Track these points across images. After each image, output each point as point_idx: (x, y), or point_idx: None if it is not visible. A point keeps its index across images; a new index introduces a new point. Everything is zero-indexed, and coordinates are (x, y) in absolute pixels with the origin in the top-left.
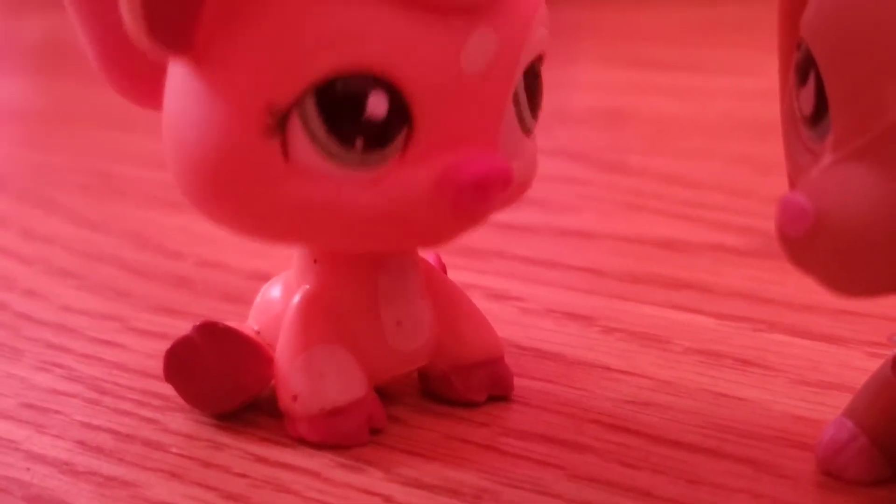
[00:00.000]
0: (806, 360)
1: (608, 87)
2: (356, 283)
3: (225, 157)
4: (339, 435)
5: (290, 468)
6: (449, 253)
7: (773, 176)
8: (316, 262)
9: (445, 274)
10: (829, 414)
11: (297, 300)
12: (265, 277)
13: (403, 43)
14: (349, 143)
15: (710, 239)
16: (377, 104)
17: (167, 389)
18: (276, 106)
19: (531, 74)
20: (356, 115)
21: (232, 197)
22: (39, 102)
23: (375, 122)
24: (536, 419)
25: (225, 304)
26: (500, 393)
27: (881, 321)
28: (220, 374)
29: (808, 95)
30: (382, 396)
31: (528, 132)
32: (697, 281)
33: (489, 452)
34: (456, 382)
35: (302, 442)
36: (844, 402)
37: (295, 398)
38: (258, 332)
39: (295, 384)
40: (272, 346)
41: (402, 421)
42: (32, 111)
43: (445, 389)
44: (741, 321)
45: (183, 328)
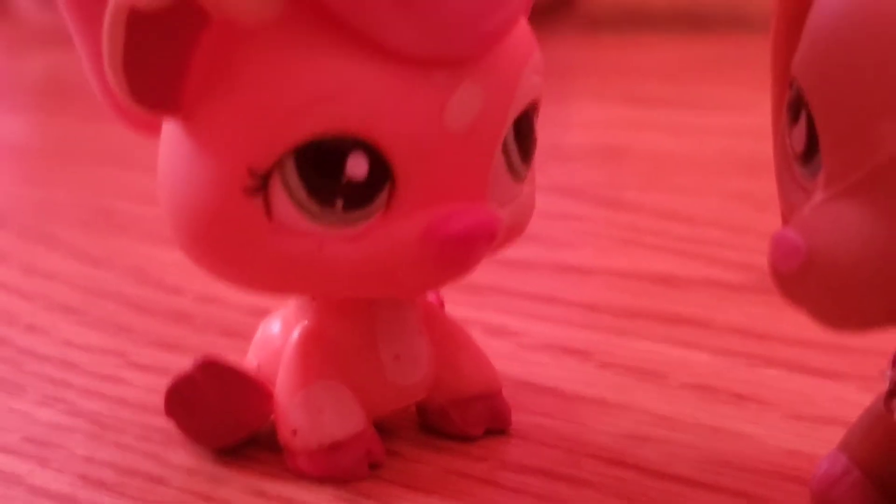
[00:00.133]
0: (801, 394)
1: (604, 123)
2: (354, 318)
3: (210, 214)
4: (338, 469)
5: (289, 502)
6: (447, 288)
7: (768, 212)
8: (315, 298)
9: (443, 309)
10: (823, 448)
11: (295, 336)
12: (264, 313)
13: (384, 103)
14: (329, 203)
15: (706, 275)
16: (356, 166)
17: (168, 424)
18: (257, 168)
19: (523, 122)
20: (335, 176)
21: (218, 252)
22: (40, 139)
23: (355, 183)
24: (534, 453)
25: (224, 339)
26: (497, 427)
27: (875, 356)
28: (220, 409)
29: (799, 134)
30: (381, 431)
31: (519, 180)
32: (694, 316)
33: (488, 487)
34: (454, 416)
35: (301, 476)
36: (838, 436)
37: (294, 433)
38: (258, 367)
39: (294, 419)
40: (272, 381)
41: (400, 455)
42: (33, 148)
43: (444, 423)
44: (737, 356)
45: (183, 363)
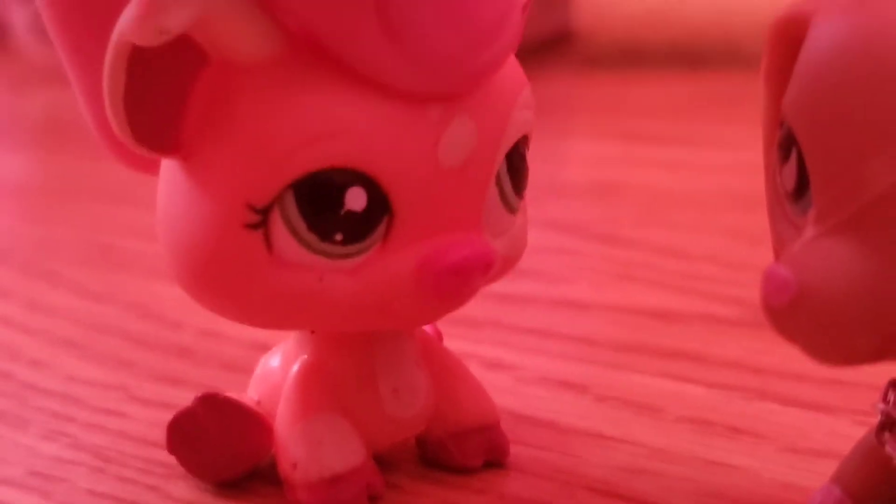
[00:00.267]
0: (795, 427)
1: (601, 160)
2: (353, 352)
3: (210, 250)
4: (338, 502)
5: None
6: (445, 322)
7: (763, 248)
8: (313, 332)
9: (442, 342)
10: (816, 481)
11: (295, 370)
12: (264, 347)
13: (380, 139)
14: (329, 236)
15: (701, 309)
16: (355, 199)
17: (170, 458)
18: (256, 203)
19: (515, 155)
20: (335, 210)
21: (218, 287)
22: (41, 177)
23: (354, 216)
24: (532, 486)
25: (225, 373)
26: (495, 459)
27: (868, 389)
28: (221, 443)
29: (790, 172)
30: (381, 464)
31: (513, 211)
32: (689, 350)
33: None
34: (452, 448)
35: None
36: (832, 469)
37: (294, 466)
38: (258, 401)
39: (294, 452)
40: (272, 415)
41: (400, 488)
42: (34, 186)
43: (442, 456)
44: (732, 390)
45: (184, 397)
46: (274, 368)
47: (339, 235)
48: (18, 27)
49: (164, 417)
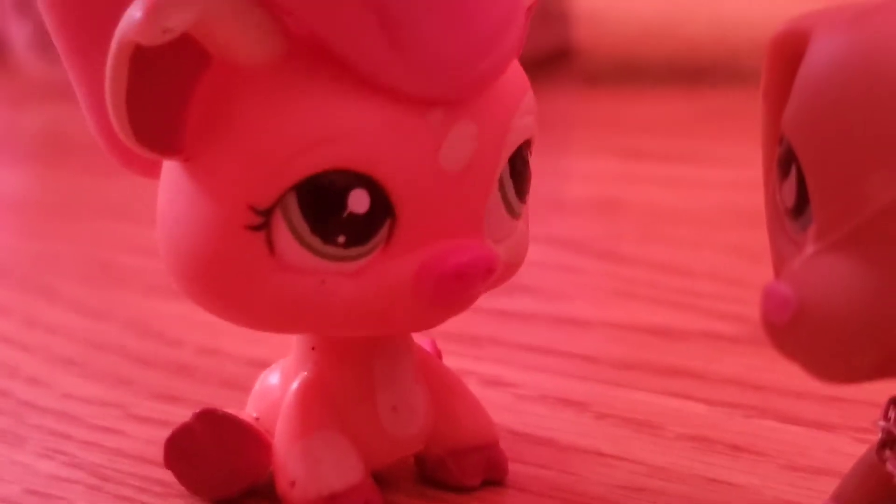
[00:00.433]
0: (795, 445)
1: (601, 176)
2: (352, 369)
3: (212, 252)
4: None
5: None
6: (444, 339)
7: (764, 265)
8: (314, 349)
9: (441, 360)
10: (817, 498)
11: (295, 387)
12: (263, 364)
13: (383, 143)
14: (331, 239)
15: (702, 327)
16: (358, 201)
17: (167, 476)
18: (259, 204)
19: (518, 160)
20: (338, 212)
21: (220, 290)
22: (40, 193)
23: (357, 218)
24: None
25: (224, 390)
26: (495, 478)
27: (868, 407)
28: (219, 460)
29: (790, 188)
30: (379, 481)
31: (515, 216)
32: (690, 368)
33: None
34: (451, 467)
35: None
36: (832, 486)
37: (293, 484)
38: (257, 418)
39: (293, 470)
40: (271, 432)
41: None
42: (33, 201)
43: (441, 474)
44: (733, 407)
45: (183, 415)
46: (273, 385)
47: (341, 238)
48: (18, 43)
49: (162, 435)
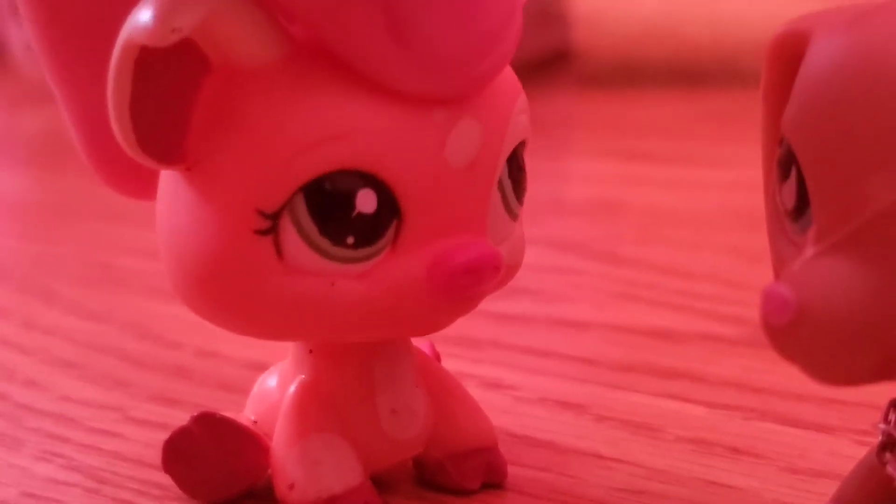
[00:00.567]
0: (795, 447)
1: (600, 178)
2: (351, 372)
3: (219, 259)
4: None
5: None
6: (443, 342)
7: (764, 266)
8: (311, 352)
9: (440, 363)
10: (817, 501)
11: (293, 390)
12: (262, 367)
13: (388, 141)
14: (341, 240)
15: (701, 328)
16: (366, 201)
17: (166, 479)
18: (266, 208)
19: (514, 161)
20: (346, 212)
21: (226, 298)
22: (39, 195)
23: (365, 218)
24: None
25: (222, 393)
26: (494, 481)
27: (868, 409)
28: (217, 463)
29: (790, 190)
30: (378, 484)
31: (514, 217)
32: (689, 370)
33: None
34: (450, 470)
35: None
36: (832, 489)
37: (291, 487)
38: (255, 421)
39: (291, 473)
40: (269, 435)
41: None
42: (32, 203)
43: (440, 477)
44: (732, 409)
45: (181, 417)
46: (271, 388)
47: (350, 238)
48: (16, 46)
49: (160, 438)
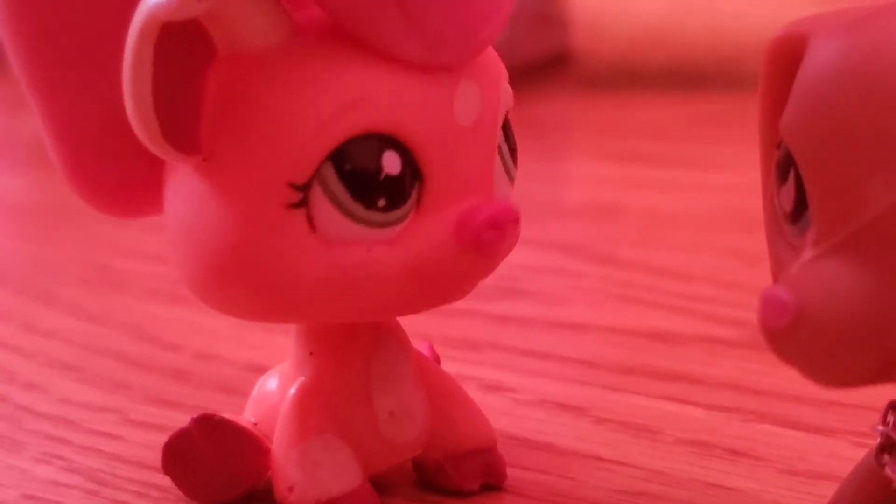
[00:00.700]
0: (794, 450)
1: (599, 181)
2: (350, 374)
3: (251, 243)
4: None
5: None
6: (442, 344)
7: (762, 269)
8: (311, 354)
9: (439, 364)
10: (815, 503)
11: (293, 392)
12: (261, 369)
13: (404, 103)
14: (373, 204)
15: (700, 331)
16: (391, 163)
17: (165, 481)
18: (297, 180)
19: (506, 127)
20: (375, 175)
21: (261, 283)
22: (38, 197)
23: (393, 180)
24: None
25: (222, 395)
26: (493, 482)
27: (867, 411)
28: (217, 465)
29: (788, 193)
30: (378, 486)
31: (511, 180)
32: (688, 372)
33: None
34: (450, 471)
35: None
36: (831, 491)
37: (291, 489)
38: (255, 423)
39: (291, 475)
40: (269, 437)
41: None
42: (31, 205)
43: (440, 478)
44: (731, 412)
45: (181, 419)
46: (271, 390)
47: (382, 201)
48: None
49: (159, 440)
